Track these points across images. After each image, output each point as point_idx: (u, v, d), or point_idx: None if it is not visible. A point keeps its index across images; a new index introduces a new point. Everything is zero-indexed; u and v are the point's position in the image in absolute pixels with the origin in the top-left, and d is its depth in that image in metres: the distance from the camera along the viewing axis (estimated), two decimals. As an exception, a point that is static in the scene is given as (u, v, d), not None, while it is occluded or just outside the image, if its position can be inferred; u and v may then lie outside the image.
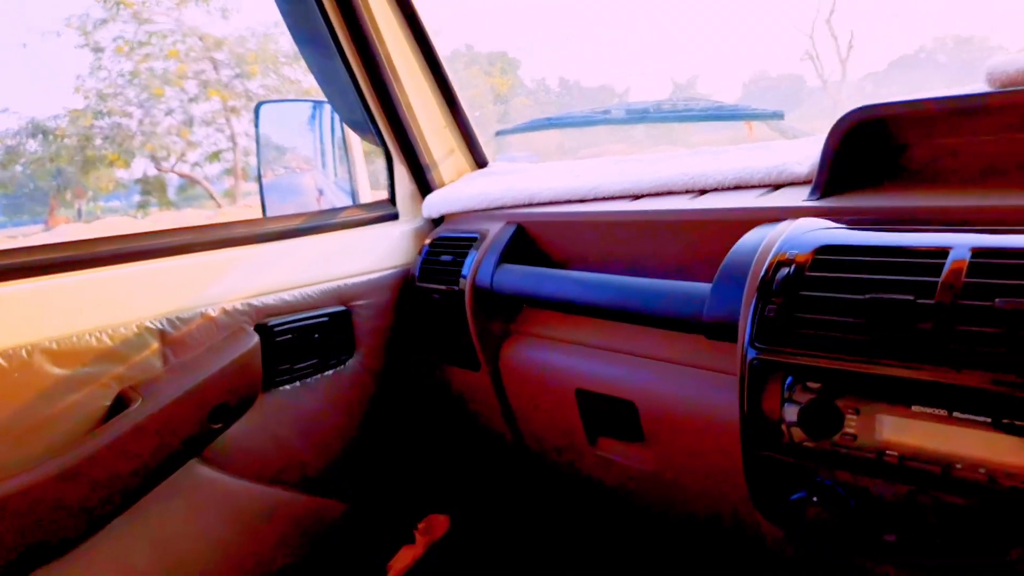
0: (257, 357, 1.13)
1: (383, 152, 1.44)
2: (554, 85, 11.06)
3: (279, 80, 8.65)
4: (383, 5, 1.33)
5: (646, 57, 7.41)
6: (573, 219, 1.15)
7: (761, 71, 5.55)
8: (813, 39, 5.12)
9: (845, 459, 0.68)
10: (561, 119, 1.48)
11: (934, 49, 6.83)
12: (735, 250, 0.84)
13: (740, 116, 1.23)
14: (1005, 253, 0.64)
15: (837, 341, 0.69)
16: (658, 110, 1.27)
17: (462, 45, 10.31)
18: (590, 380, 1.09)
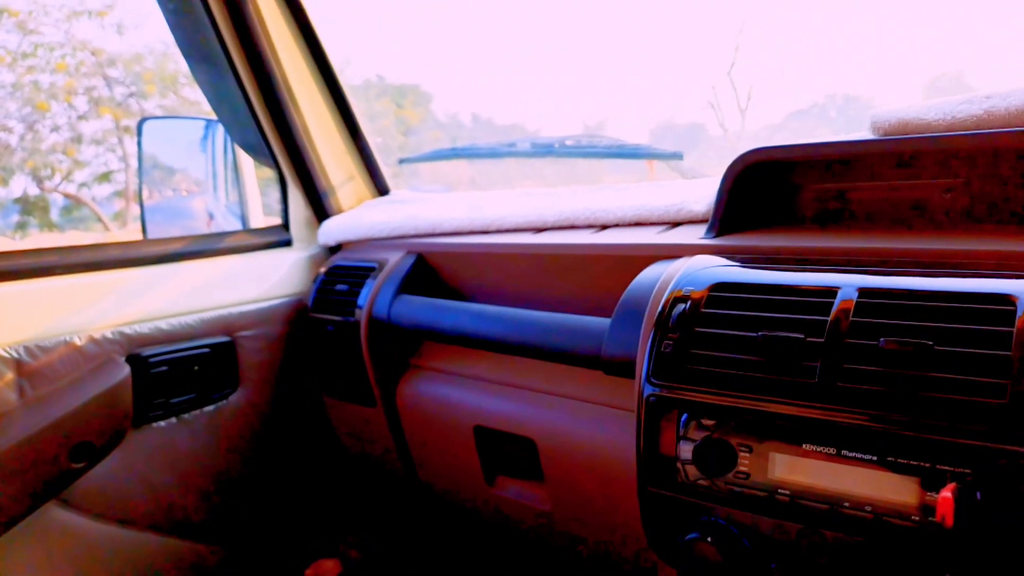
0: (127, 390, 1.03)
1: (277, 176, 1.38)
2: (467, 120, 11.14)
3: (179, 101, 8.31)
4: (280, 24, 1.28)
5: (558, 98, 7.67)
6: (475, 250, 1.13)
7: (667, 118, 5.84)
8: (715, 90, 5.40)
9: (738, 498, 0.67)
10: (466, 150, 1.47)
11: (825, 104, 7.34)
12: (633, 286, 0.84)
13: (642, 155, 1.25)
14: (890, 294, 0.66)
15: (731, 378, 0.69)
16: (563, 146, 1.27)
17: (374, 75, 10.25)
18: (489, 417, 1.06)
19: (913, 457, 0.59)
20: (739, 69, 5.09)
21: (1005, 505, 0.55)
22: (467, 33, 7.65)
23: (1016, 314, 0.60)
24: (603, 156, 1.26)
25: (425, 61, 7.15)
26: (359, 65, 5.01)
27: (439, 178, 4.07)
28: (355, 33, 6.32)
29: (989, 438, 0.57)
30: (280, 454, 1.34)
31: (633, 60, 6.92)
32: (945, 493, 0.56)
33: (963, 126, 0.78)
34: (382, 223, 1.27)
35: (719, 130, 6.54)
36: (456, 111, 5.48)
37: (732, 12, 5.37)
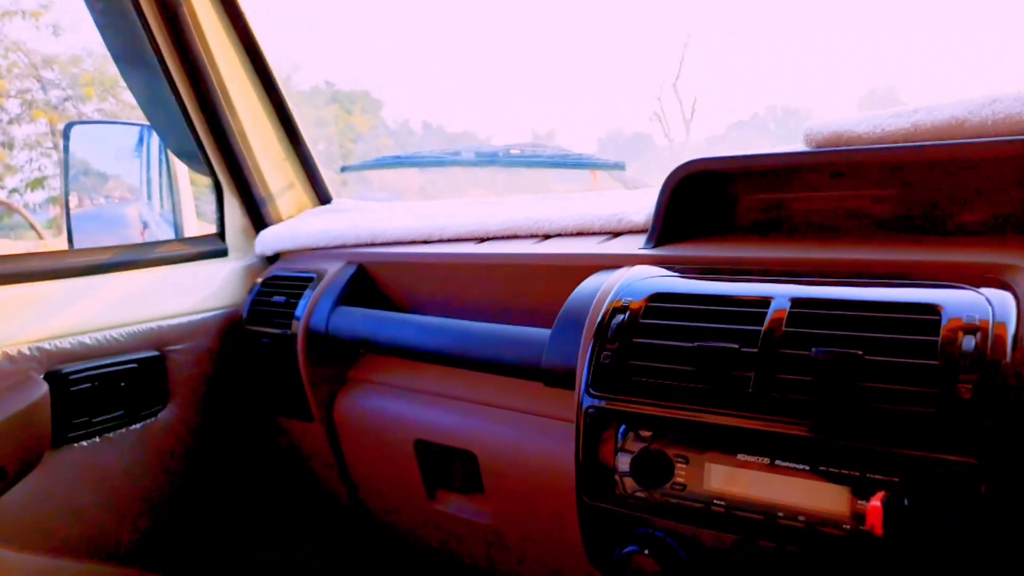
0: (45, 409, 0.98)
1: (212, 183, 1.33)
2: (417, 127, 11.08)
3: (119, 105, 8.05)
4: (216, 26, 1.24)
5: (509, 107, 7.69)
6: (417, 260, 1.11)
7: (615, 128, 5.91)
8: (661, 101, 5.50)
9: (675, 509, 0.67)
10: (410, 158, 1.45)
11: (766, 117, 7.52)
12: (573, 297, 0.84)
13: (585, 165, 1.26)
14: (821, 303, 0.67)
15: (668, 389, 0.69)
16: (507, 155, 1.27)
17: (323, 81, 10.12)
18: (430, 430, 1.04)
19: (844, 466, 0.60)
20: (684, 81, 5.19)
21: (932, 513, 0.56)
22: (419, 41, 7.64)
23: (941, 323, 0.61)
24: (547, 165, 1.25)
25: (376, 68, 7.10)
26: (308, 71, 4.94)
27: (387, 186, 4.03)
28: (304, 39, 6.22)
29: (916, 446, 0.57)
30: (215, 471, 1.29)
31: (583, 71, 7.00)
32: (874, 502, 0.56)
33: (892, 138, 0.79)
34: (322, 232, 1.24)
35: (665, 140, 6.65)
36: (407, 118, 5.44)
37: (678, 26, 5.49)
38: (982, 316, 0.60)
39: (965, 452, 0.56)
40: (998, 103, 0.75)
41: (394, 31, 7.05)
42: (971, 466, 0.55)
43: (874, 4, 4.92)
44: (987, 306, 0.61)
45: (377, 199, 2.09)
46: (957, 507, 0.55)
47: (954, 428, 0.56)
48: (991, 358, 0.58)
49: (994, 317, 0.60)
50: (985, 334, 0.59)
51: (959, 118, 0.76)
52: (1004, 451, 0.55)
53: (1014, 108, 0.74)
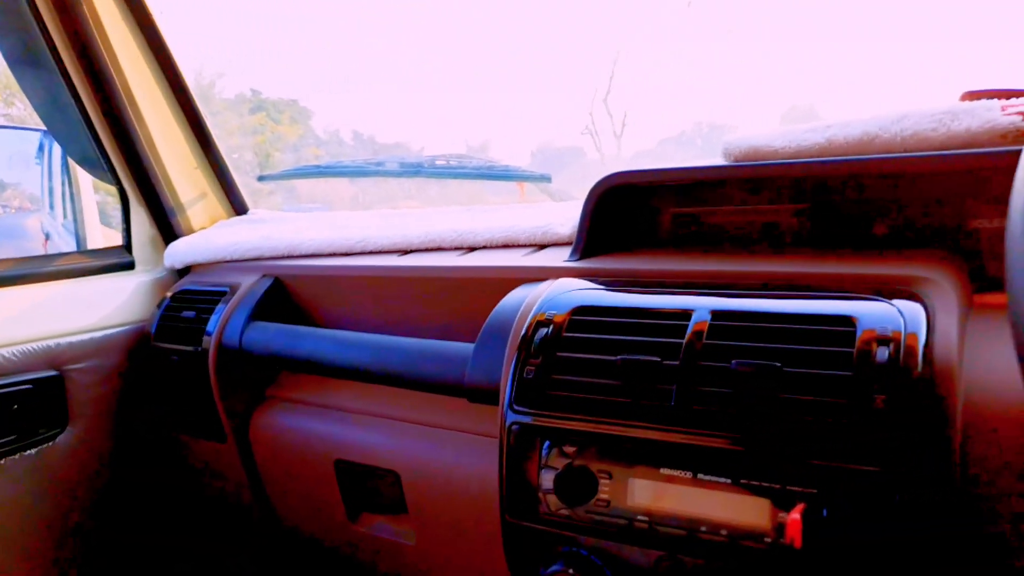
0: (-79, 437, 0.90)
1: (118, 192, 1.26)
2: (348, 138, 10.89)
3: (25, 110, 7.63)
4: (119, 25, 1.17)
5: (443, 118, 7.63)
6: (336, 273, 1.07)
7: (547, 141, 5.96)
8: (592, 116, 5.58)
9: (599, 526, 0.66)
10: (331, 167, 1.40)
11: (693, 133, 7.71)
12: (497, 310, 0.82)
13: (511, 177, 1.25)
14: (741, 316, 0.67)
15: (591, 403, 0.68)
16: (432, 165, 1.24)
17: (248, 90, 9.85)
18: (351, 449, 1.00)
19: (764, 479, 0.60)
20: (614, 97, 5.27)
21: (850, 523, 0.56)
22: (351, 51, 7.54)
23: (856, 335, 0.62)
24: (473, 177, 1.24)
25: (306, 77, 6.96)
26: (233, 78, 4.78)
27: (317, 197, 3.93)
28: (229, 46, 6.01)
29: (832, 457, 0.58)
30: (121, 497, 1.21)
31: (517, 84, 7.04)
32: (794, 515, 0.56)
33: (807, 153, 0.81)
34: (235, 244, 1.19)
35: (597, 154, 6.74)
36: (337, 128, 5.32)
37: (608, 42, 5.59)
38: (895, 327, 0.61)
39: (878, 462, 0.56)
40: (907, 119, 0.77)
41: (326, 40, 6.94)
42: (885, 475, 0.56)
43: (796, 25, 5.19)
44: (899, 317, 0.62)
45: (305, 210, 2.03)
46: (873, 517, 0.56)
47: (868, 438, 0.57)
48: (903, 368, 0.58)
49: (906, 328, 0.61)
50: (897, 345, 0.60)
51: (870, 134, 0.78)
52: (916, 460, 0.56)
53: (922, 125, 0.76)
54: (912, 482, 0.55)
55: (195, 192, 1.32)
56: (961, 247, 0.76)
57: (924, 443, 0.56)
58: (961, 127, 0.74)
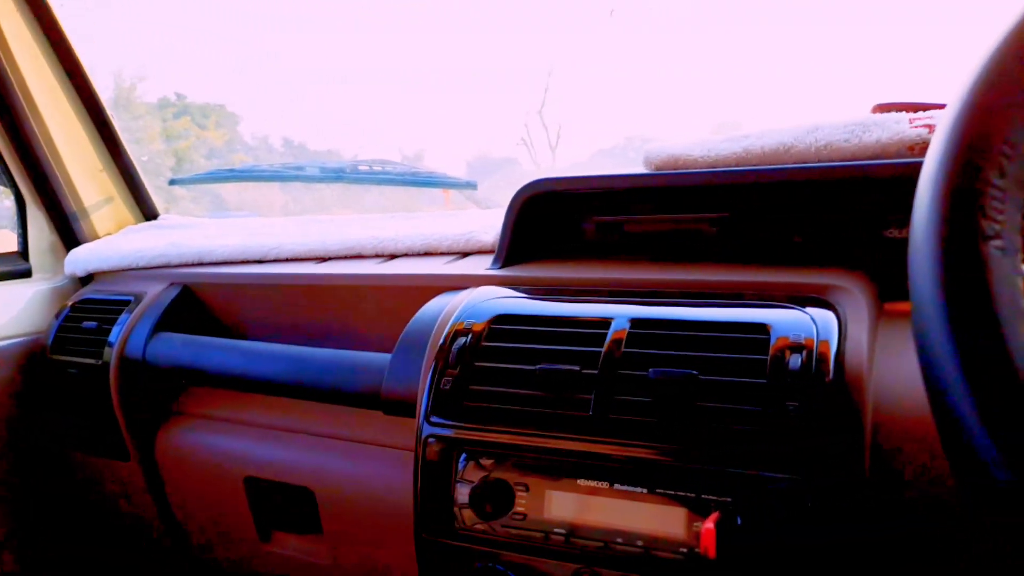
0: None
1: (13, 195, 1.17)
2: (277, 144, 10.66)
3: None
4: (14, 17, 1.09)
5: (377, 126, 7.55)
6: (248, 281, 1.02)
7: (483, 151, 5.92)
8: (528, 127, 5.62)
9: (516, 540, 0.64)
10: (246, 171, 1.35)
11: (626, 146, 7.82)
12: (416, 319, 0.80)
13: (435, 183, 1.22)
14: (660, 324, 0.67)
15: (509, 414, 0.66)
16: (354, 171, 1.21)
17: (172, 93, 9.53)
18: (262, 466, 0.96)
19: (680, 488, 0.59)
20: (549, 109, 5.32)
21: (763, 531, 0.56)
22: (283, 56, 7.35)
23: (770, 342, 0.62)
24: (397, 183, 1.21)
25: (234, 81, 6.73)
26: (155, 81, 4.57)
27: (246, 204, 3.79)
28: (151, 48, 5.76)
29: (747, 465, 0.57)
30: (14, 522, 1.12)
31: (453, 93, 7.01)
32: (707, 524, 0.55)
33: (725, 163, 0.82)
34: (141, 251, 1.12)
35: (532, 165, 6.79)
36: (266, 134, 5.14)
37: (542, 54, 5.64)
38: (807, 335, 0.62)
39: (790, 469, 0.56)
40: (820, 131, 0.79)
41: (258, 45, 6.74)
42: (797, 482, 0.56)
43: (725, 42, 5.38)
44: (812, 325, 0.63)
45: (233, 217, 1.95)
46: (786, 523, 0.56)
47: (781, 445, 0.57)
48: (815, 375, 0.59)
49: (818, 335, 0.62)
50: (810, 352, 0.60)
51: (785, 144, 0.80)
52: (827, 465, 0.56)
53: (834, 136, 0.78)
54: (824, 487, 0.56)
55: (100, 196, 1.24)
56: (873, 256, 0.78)
57: (835, 449, 0.57)
58: (871, 138, 0.76)
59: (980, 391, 0.34)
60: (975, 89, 0.38)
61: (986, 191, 0.37)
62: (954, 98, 0.39)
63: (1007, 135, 0.37)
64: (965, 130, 0.38)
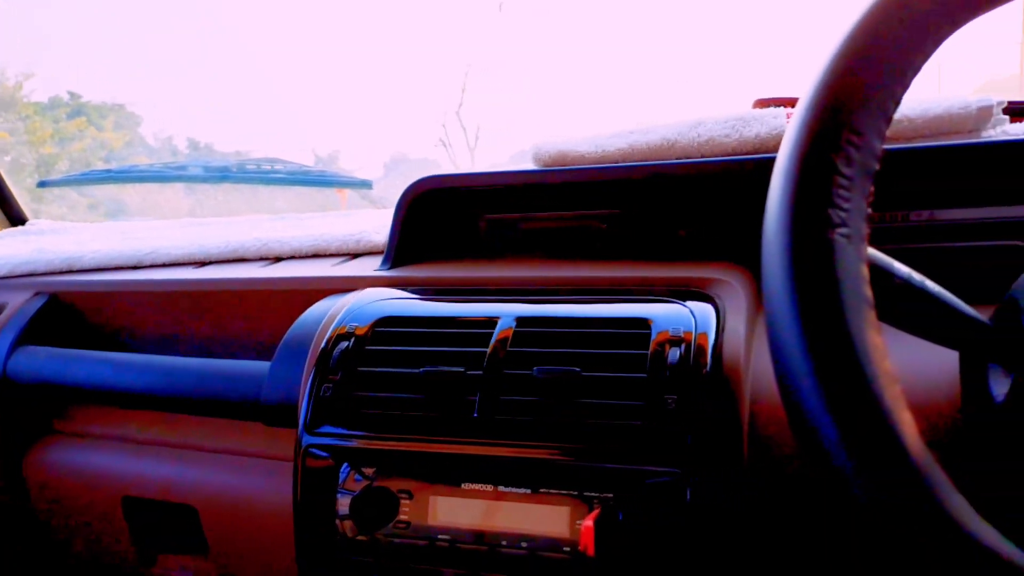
0: None
1: None
2: (182, 145, 10.20)
3: None
4: None
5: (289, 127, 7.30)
6: (121, 289, 0.96)
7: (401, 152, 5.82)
8: (445, 128, 5.56)
9: (399, 550, 0.62)
10: (123, 172, 1.26)
11: (539, 146, 7.88)
12: (297, 324, 0.76)
13: (328, 183, 1.18)
14: (545, 321, 0.66)
15: (393, 419, 0.64)
16: (241, 170, 1.15)
17: (65, 92, 8.98)
18: (141, 484, 0.90)
19: (564, 487, 0.58)
20: (467, 110, 5.29)
21: (643, 526, 0.56)
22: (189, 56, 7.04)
23: (651, 337, 0.62)
24: (287, 183, 1.16)
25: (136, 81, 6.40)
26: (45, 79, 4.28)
27: (149, 210, 3.61)
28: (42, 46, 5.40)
29: (629, 460, 0.57)
30: None
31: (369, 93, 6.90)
32: (587, 521, 0.55)
33: (612, 158, 0.82)
34: (3, 258, 1.03)
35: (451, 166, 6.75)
36: (171, 135, 4.88)
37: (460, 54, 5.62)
38: (686, 328, 0.62)
39: (669, 462, 0.56)
40: (702, 126, 0.80)
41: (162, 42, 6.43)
42: (675, 475, 0.56)
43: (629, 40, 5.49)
44: (691, 318, 0.63)
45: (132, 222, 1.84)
46: (665, 518, 0.56)
47: (661, 439, 0.57)
48: (692, 368, 0.59)
49: (696, 328, 0.62)
50: (688, 345, 0.61)
51: (669, 140, 0.80)
52: (704, 459, 0.56)
53: (716, 131, 0.79)
54: (702, 480, 0.56)
55: (-44, 200, 1.15)
56: (754, 250, 0.80)
57: (713, 440, 0.57)
58: (751, 133, 0.78)
59: (823, 378, 0.35)
60: (823, 81, 0.39)
61: (834, 179, 0.37)
62: (805, 91, 0.40)
63: (854, 125, 0.37)
64: (814, 121, 0.38)
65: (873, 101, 0.38)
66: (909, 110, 0.74)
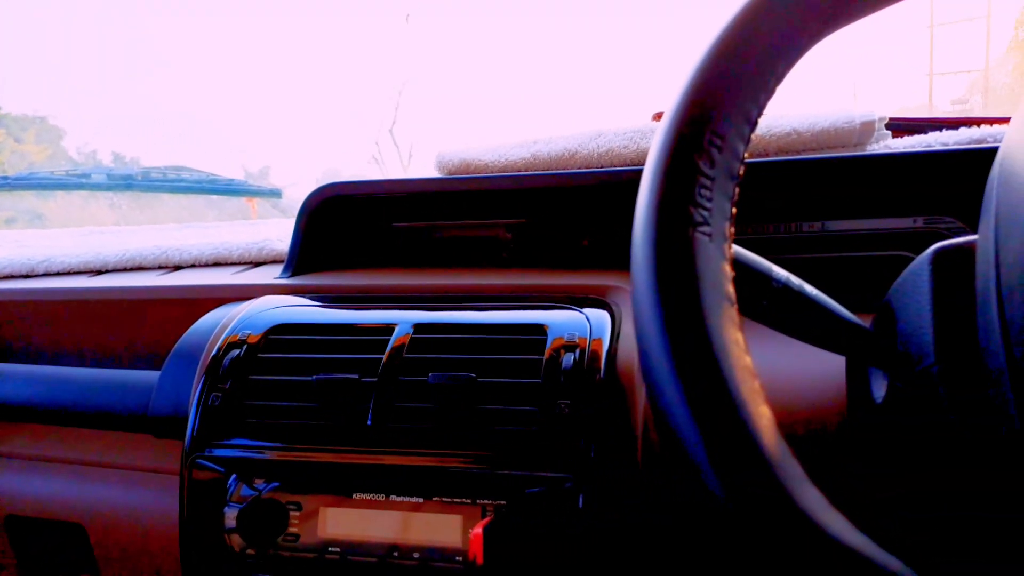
0: None
1: None
2: (107, 158, 9.82)
3: None
4: None
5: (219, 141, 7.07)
6: (11, 298, 0.91)
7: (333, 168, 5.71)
8: (379, 145, 5.51)
9: (288, 564, 0.60)
10: (22, 179, 1.20)
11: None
12: (189, 333, 0.74)
13: (237, 191, 1.15)
14: (442, 328, 0.66)
15: (284, 429, 0.63)
16: (147, 178, 1.11)
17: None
18: (24, 502, 0.85)
19: (457, 494, 0.58)
20: (400, 127, 5.27)
21: (535, 532, 0.56)
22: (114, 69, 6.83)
23: (547, 343, 0.62)
24: (194, 191, 1.13)
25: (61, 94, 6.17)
26: (-43, 89, 4.02)
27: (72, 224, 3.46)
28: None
29: (520, 466, 0.57)
30: None
31: (301, 110, 6.80)
32: (476, 529, 0.54)
33: (515, 167, 0.83)
34: None
35: (385, 183, 6.71)
36: (95, 148, 4.68)
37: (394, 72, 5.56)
38: (581, 333, 0.63)
39: (562, 468, 0.56)
40: (602, 137, 0.81)
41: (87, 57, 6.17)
42: (568, 480, 0.56)
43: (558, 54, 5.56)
44: (586, 324, 0.64)
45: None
46: (557, 524, 0.56)
47: (555, 444, 0.57)
48: (586, 373, 0.60)
49: (591, 334, 0.63)
50: (583, 350, 0.61)
51: (571, 150, 0.82)
52: (596, 464, 0.57)
53: (615, 142, 0.81)
54: (595, 485, 0.56)
55: None
56: None
57: (606, 446, 0.57)
58: (648, 144, 0.80)
59: (680, 371, 0.35)
60: (689, 87, 0.40)
61: (697, 179, 0.38)
62: (672, 96, 0.41)
63: (716, 129, 0.39)
64: (679, 124, 0.39)
65: (735, 106, 0.39)
66: (797, 123, 0.77)
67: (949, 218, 0.72)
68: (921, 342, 0.42)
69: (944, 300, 0.42)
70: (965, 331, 0.41)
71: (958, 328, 0.41)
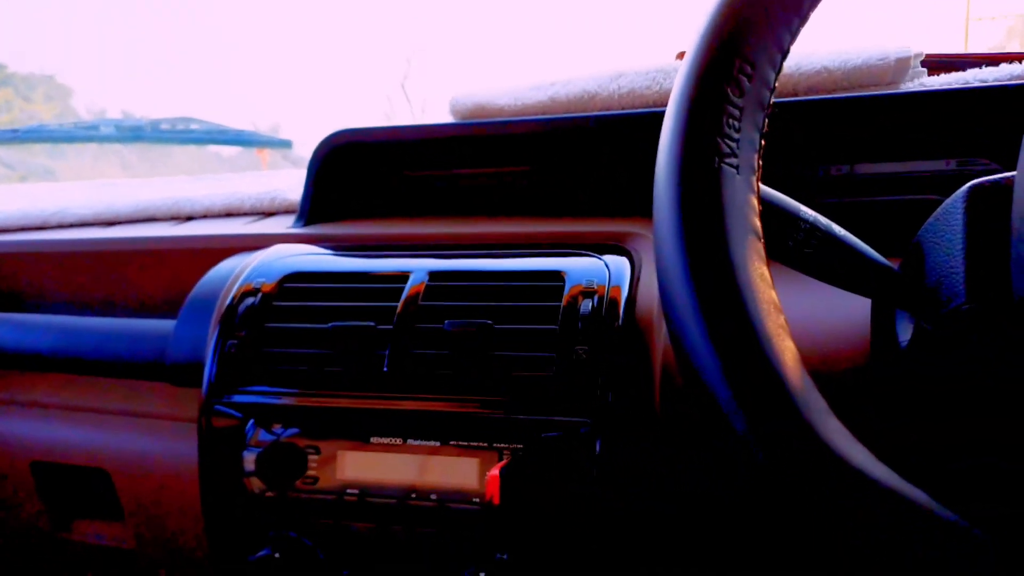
0: None
1: None
2: (116, 116, 9.79)
3: None
4: None
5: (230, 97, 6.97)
6: (26, 250, 0.92)
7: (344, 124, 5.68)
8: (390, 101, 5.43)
9: (307, 505, 0.61)
10: (32, 131, 1.19)
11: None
12: (203, 281, 0.74)
13: (247, 142, 1.14)
14: (457, 276, 0.65)
15: (300, 375, 0.63)
16: (155, 129, 1.10)
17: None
18: (51, 449, 0.86)
19: (473, 439, 0.58)
20: (412, 82, 5.20)
21: (551, 475, 0.56)
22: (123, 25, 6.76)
23: (564, 290, 0.61)
24: (203, 142, 1.11)
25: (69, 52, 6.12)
26: (-35, 47, 3.99)
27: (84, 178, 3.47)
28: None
29: (537, 411, 0.57)
30: None
31: (314, 65, 6.72)
32: (493, 471, 0.54)
33: (531, 111, 0.80)
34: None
35: (396, 139, 6.64)
36: (104, 107, 4.63)
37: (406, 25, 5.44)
38: (600, 280, 0.62)
39: (579, 413, 0.56)
40: (623, 78, 0.79)
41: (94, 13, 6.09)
42: (586, 425, 0.56)
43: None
44: (605, 271, 0.63)
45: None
46: (574, 467, 0.56)
47: (572, 389, 0.57)
48: (605, 319, 0.59)
49: (610, 281, 0.62)
50: (601, 297, 0.60)
51: (590, 92, 0.79)
52: (615, 409, 0.56)
53: (636, 83, 0.78)
54: (611, 430, 0.56)
55: None
56: None
57: (624, 392, 0.57)
58: (672, 85, 0.77)
59: (704, 305, 0.34)
60: (716, 10, 0.38)
61: (725, 109, 0.37)
62: (699, 22, 0.39)
63: (746, 54, 0.37)
64: (706, 50, 0.38)
65: (767, 31, 0.37)
66: (828, 61, 0.74)
67: (984, 160, 0.70)
68: (952, 281, 0.41)
69: (977, 239, 0.41)
70: (998, 271, 0.39)
71: (991, 268, 0.40)
